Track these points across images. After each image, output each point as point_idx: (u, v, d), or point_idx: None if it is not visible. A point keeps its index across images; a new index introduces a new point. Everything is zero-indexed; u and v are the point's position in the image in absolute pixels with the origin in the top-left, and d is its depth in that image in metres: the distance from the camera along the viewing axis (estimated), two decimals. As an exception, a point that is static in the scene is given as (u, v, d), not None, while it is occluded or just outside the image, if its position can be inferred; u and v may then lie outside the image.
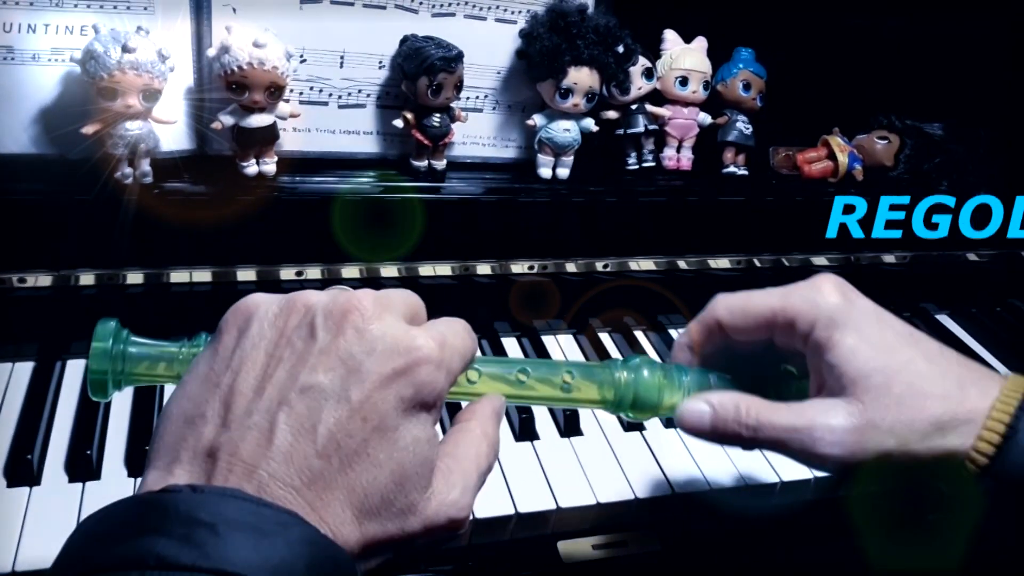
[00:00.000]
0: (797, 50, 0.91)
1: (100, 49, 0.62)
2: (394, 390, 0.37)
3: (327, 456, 0.35)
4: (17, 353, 0.72)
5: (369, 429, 0.36)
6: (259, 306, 0.39)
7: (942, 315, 1.01)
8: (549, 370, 0.49)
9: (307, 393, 0.36)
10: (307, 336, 0.38)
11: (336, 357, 0.37)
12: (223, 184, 0.70)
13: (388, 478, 0.36)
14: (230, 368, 0.38)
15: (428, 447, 0.38)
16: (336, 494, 0.35)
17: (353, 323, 0.38)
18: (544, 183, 0.80)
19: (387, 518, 0.36)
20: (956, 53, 0.97)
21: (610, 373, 0.49)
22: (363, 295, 0.39)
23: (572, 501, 0.65)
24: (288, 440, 0.35)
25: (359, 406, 0.36)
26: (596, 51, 0.75)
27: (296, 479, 0.35)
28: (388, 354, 0.37)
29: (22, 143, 0.67)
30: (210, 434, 0.36)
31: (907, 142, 0.93)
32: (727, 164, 0.87)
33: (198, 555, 0.31)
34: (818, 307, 0.46)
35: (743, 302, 0.49)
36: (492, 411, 0.44)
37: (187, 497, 0.33)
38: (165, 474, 0.36)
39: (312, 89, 0.74)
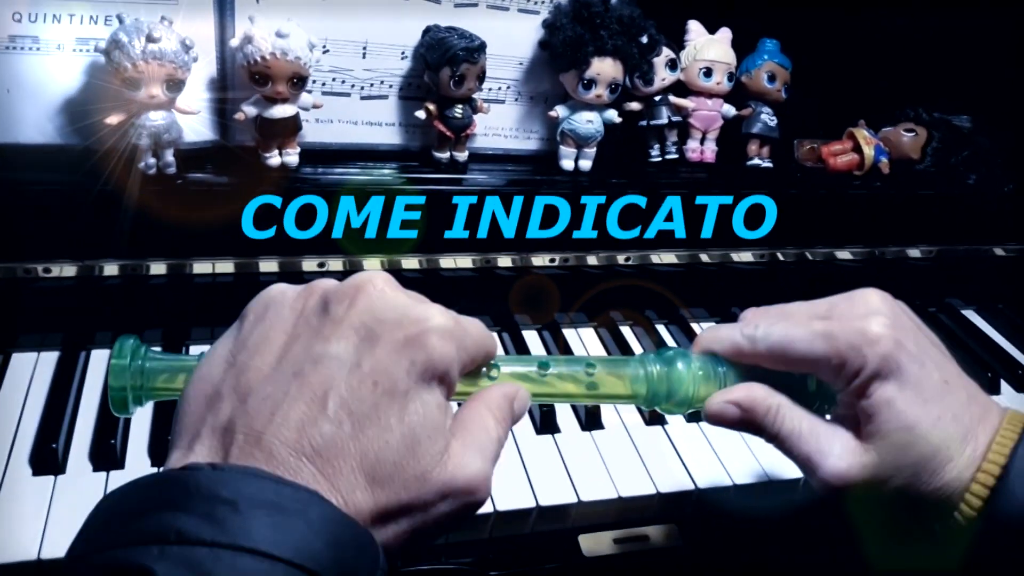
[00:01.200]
0: (823, 41, 0.90)
1: (124, 39, 0.62)
2: (406, 355, 0.37)
3: (338, 421, 0.36)
4: (42, 343, 0.73)
5: (380, 393, 0.36)
6: (279, 292, 0.41)
7: (968, 310, 1.00)
8: (572, 365, 0.48)
9: (320, 363, 0.37)
10: (321, 312, 0.39)
11: (348, 326, 0.38)
12: (246, 175, 0.70)
13: (399, 442, 0.36)
14: (247, 348, 0.39)
15: (439, 413, 0.38)
16: (348, 460, 0.35)
17: (366, 294, 0.39)
18: (566, 175, 0.80)
19: (400, 485, 0.36)
20: (984, 45, 0.95)
21: (641, 367, 0.48)
22: (376, 272, 0.40)
23: (593, 495, 0.65)
24: (300, 408, 0.36)
25: (370, 371, 0.37)
26: (620, 41, 0.75)
27: (307, 446, 0.35)
28: (399, 321, 0.38)
29: (47, 133, 0.67)
30: (227, 410, 0.37)
31: (934, 135, 0.92)
32: (751, 156, 0.87)
33: (218, 531, 0.31)
34: (865, 357, 0.44)
35: (784, 343, 0.46)
36: (501, 394, 0.43)
37: (208, 475, 0.33)
38: (186, 452, 0.36)
39: (335, 80, 0.74)
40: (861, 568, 0.65)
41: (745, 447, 0.72)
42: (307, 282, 0.63)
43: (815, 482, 0.46)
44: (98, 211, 0.67)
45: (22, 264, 0.69)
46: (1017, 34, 0.95)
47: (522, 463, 0.67)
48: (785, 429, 0.46)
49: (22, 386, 0.69)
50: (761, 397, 0.46)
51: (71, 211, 0.67)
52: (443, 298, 0.80)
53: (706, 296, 0.90)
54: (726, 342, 0.48)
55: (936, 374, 0.46)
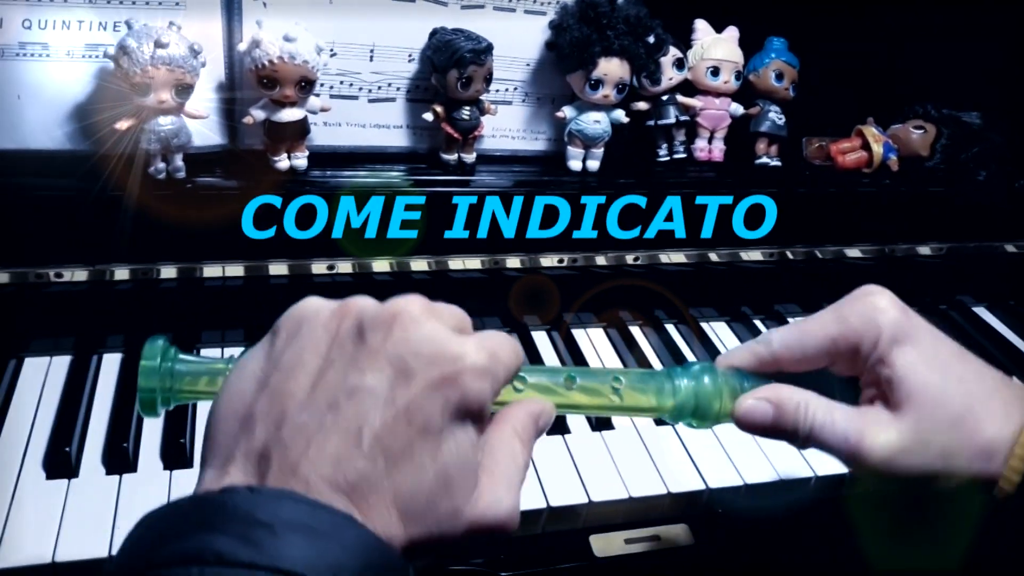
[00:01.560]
0: (830, 39, 0.89)
1: (133, 44, 0.62)
2: (441, 395, 0.37)
3: (373, 458, 0.35)
4: (54, 347, 0.73)
5: (414, 432, 0.36)
6: (313, 310, 0.40)
7: (979, 308, 0.99)
8: (598, 378, 0.47)
9: (355, 395, 0.36)
10: (356, 338, 0.38)
11: (384, 359, 0.37)
12: (255, 179, 0.70)
13: (433, 481, 0.36)
14: (280, 369, 0.38)
15: (472, 452, 0.38)
16: (381, 496, 0.35)
17: (402, 325, 0.38)
18: (574, 176, 0.80)
19: (432, 522, 0.36)
20: (993, 41, 0.95)
21: (668, 381, 0.48)
22: (413, 299, 0.39)
23: (604, 495, 0.65)
24: (335, 442, 0.35)
25: (405, 408, 0.36)
26: (626, 41, 0.75)
27: (342, 481, 0.35)
28: (435, 358, 0.37)
29: (57, 139, 0.67)
30: (261, 435, 0.36)
31: (943, 132, 0.92)
32: (760, 155, 0.86)
33: (256, 553, 0.31)
34: (879, 325, 0.46)
35: (799, 336, 0.47)
36: (527, 413, 0.43)
37: (245, 497, 0.33)
38: (221, 474, 0.36)
39: (342, 83, 0.74)
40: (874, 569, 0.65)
41: (756, 447, 0.71)
42: (317, 286, 0.63)
43: (859, 463, 0.45)
44: (108, 216, 0.68)
45: (34, 269, 0.69)
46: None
47: (533, 464, 0.67)
48: (819, 420, 0.46)
49: (35, 391, 0.69)
50: (788, 394, 0.47)
51: (81, 216, 0.68)
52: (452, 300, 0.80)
53: (715, 295, 0.90)
54: (744, 352, 0.49)
55: (950, 344, 0.47)
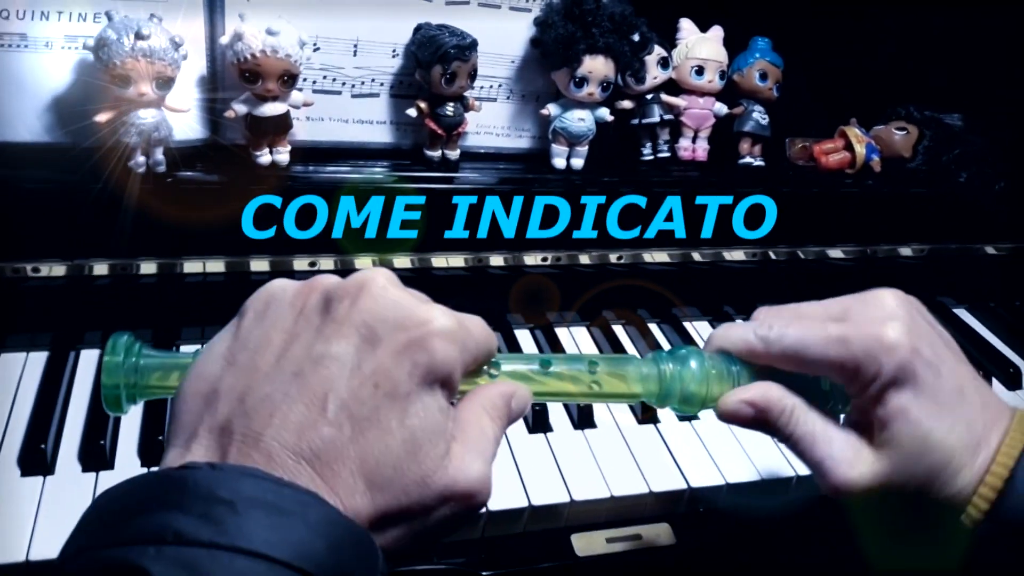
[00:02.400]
0: (814, 39, 0.90)
1: (113, 36, 0.61)
2: (408, 357, 0.37)
3: (338, 424, 0.35)
4: (31, 343, 0.72)
5: (381, 395, 0.36)
6: (280, 289, 0.40)
7: (960, 309, 1.00)
8: (577, 363, 0.47)
9: (320, 363, 0.36)
10: (322, 310, 0.38)
11: (350, 326, 0.37)
12: (236, 173, 0.70)
13: (400, 446, 0.36)
14: (246, 347, 0.38)
15: (441, 417, 0.38)
16: (347, 464, 0.35)
17: (369, 292, 0.38)
18: (558, 173, 0.80)
19: (400, 489, 0.36)
20: (976, 43, 0.95)
21: (654, 365, 0.47)
22: (379, 270, 0.39)
23: (586, 494, 0.65)
24: (300, 410, 0.35)
25: (371, 373, 0.36)
26: (611, 39, 0.75)
27: (306, 449, 0.35)
28: (402, 322, 0.37)
29: (35, 131, 0.66)
30: (225, 408, 0.36)
31: (926, 133, 0.92)
32: (743, 155, 0.87)
33: (216, 532, 0.30)
34: (880, 366, 0.44)
35: (799, 347, 0.45)
36: (498, 393, 0.42)
37: (206, 474, 0.33)
38: (183, 451, 0.36)
39: (325, 78, 0.74)
40: (856, 568, 0.65)
41: (738, 446, 0.72)
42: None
43: (825, 487, 0.45)
44: (87, 210, 0.67)
45: (11, 264, 0.68)
46: (1009, 33, 0.96)
47: (514, 462, 0.67)
48: (799, 431, 0.45)
49: (10, 387, 0.68)
50: (776, 398, 0.46)
51: (60, 210, 0.67)
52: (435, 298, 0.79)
53: (699, 295, 0.90)
54: (739, 342, 0.47)
55: (951, 381, 0.45)
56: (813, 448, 0.45)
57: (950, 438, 0.44)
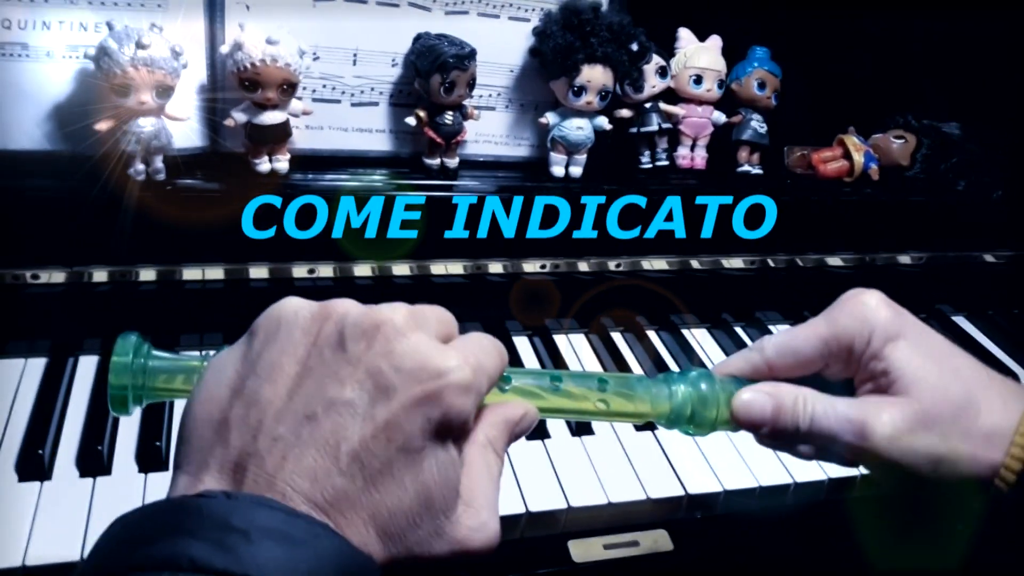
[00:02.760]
0: (812, 49, 0.90)
1: (114, 46, 0.62)
2: (422, 412, 0.36)
3: (351, 475, 0.35)
4: (30, 349, 0.73)
5: (394, 449, 0.35)
6: (292, 312, 0.39)
7: (959, 317, 1.00)
8: (583, 382, 0.46)
9: (333, 408, 0.36)
10: (336, 346, 0.37)
11: (364, 371, 0.36)
12: (236, 181, 0.70)
13: (413, 500, 0.36)
14: (256, 373, 0.37)
15: (453, 471, 0.37)
16: (360, 513, 0.35)
17: (385, 336, 0.37)
18: (557, 182, 0.80)
19: (413, 542, 0.36)
20: (973, 52, 0.96)
21: (664, 386, 0.47)
22: (397, 308, 0.38)
23: (583, 500, 0.65)
24: (312, 456, 0.35)
25: (384, 425, 0.35)
26: (610, 49, 0.75)
27: (319, 496, 0.34)
28: (417, 373, 0.36)
29: (36, 139, 0.67)
30: (237, 443, 0.36)
31: (924, 142, 0.93)
32: (741, 163, 0.87)
33: (230, 560, 0.31)
34: (870, 322, 0.46)
35: (791, 340, 0.47)
36: (503, 419, 0.42)
37: (221, 503, 0.33)
38: (195, 480, 0.36)
39: (325, 87, 0.74)
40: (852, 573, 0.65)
41: (736, 453, 0.72)
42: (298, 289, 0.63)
43: (864, 446, 0.44)
44: (87, 217, 0.67)
45: (10, 271, 0.69)
46: (1007, 41, 0.96)
47: (512, 469, 0.67)
48: (819, 409, 0.45)
49: (9, 393, 0.68)
50: (787, 388, 0.46)
51: (60, 217, 0.67)
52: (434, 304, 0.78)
53: (698, 302, 0.90)
54: (739, 362, 0.49)
55: (940, 337, 0.47)
56: (837, 414, 0.45)
57: (959, 375, 0.45)
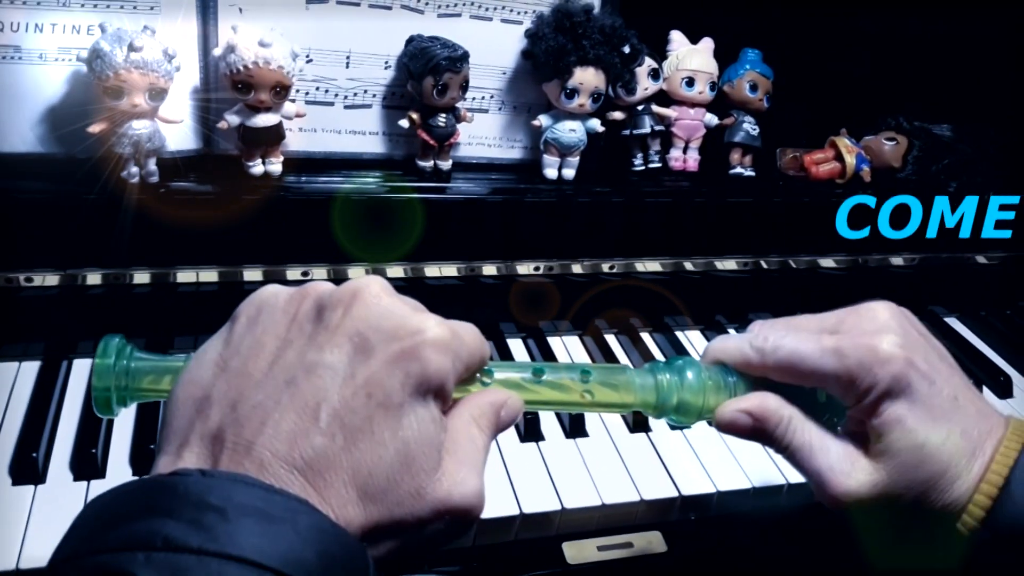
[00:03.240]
0: (804, 51, 0.91)
1: (106, 48, 0.62)
2: (401, 368, 0.36)
3: (331, 434, 0.35)
4: (24, 352, 0.72)
5: (374, 405, 0.36)
6: (272, 295, 0.40)
7: (951, 318, 1.01)
8: (572, 372, 0.47)
9: (313, 371, 0.36)
10: (315, 318, 0.38)
11: (343, 335, 0.37)
12: (229, 184, 0.70)
13: (393, 458, 0.36)
14: (239, 353, 0.38)
15: (434, 429, 0.37)
16: (339, 474, 0.35)
17: (362, 301, 0.38)
18: (550, 184, 0.80)
19: (394, 501, 0.36)
20: (964, 54, 0.96)
21: (651, 375, 0.47)
22: (373, 278, 0.39)
23: (577, 502, 0.65)
24: (292, 419, 0.35)
25: (364, 382, 0.36)
26: (602, 51, 0.75)
27: (298, 458, 0.34)
28: (395, 332, 0.37)
29: (29, 142, 0.67)
30: (216, 416, 0.36)
31: (915, 143, 0.93)
32: (734, 165, 0.87)
33: (206, 538, 0.30)
34: (875, 378, 0.44)
35: (794, 361, 0.46)
36: (488, 402, 0.42)
37: (197, 481, 0.33)
38: (175, 458, 0.36)
39: (318, 89, 0.74)
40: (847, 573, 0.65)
41: (729, 454, 0.72)
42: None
43: (823, 497, 0.45)
44: (80, 220, 0.67)
45: (4, 273, 0.69)
46: (998, 42, 0.97)
47: (506, 471, 0.67)
48: (796, 442, 0.46)
49: (3, 396, 0.68)
50: (773, 408, 0.46)
51: (53, 220, 0.67)
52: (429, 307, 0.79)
53: (691, 304, 0.90)
54: (735, 352, 0.48)
55: (946, 390, 0.45)
56: (810, 459, 0.45)
57: (946, 446, 0.44)
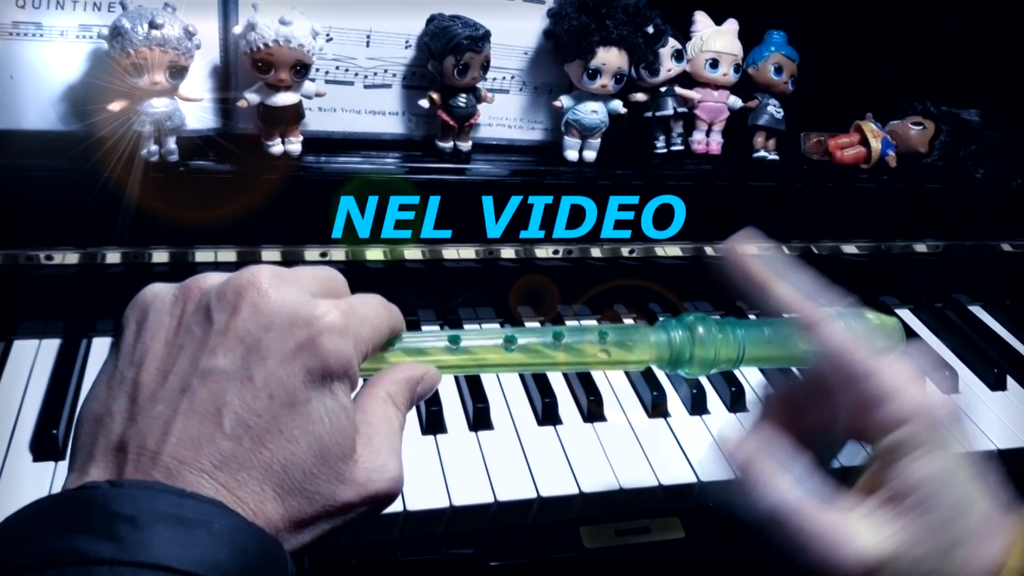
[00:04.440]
0: (830, 33, 0.89)
1: (127, 25, 0.62)
2: (299, 363, 0.36)
3: (237, 438, 0.35)
4: (44, 330, 0.73)
5: (278, 406, 0.35)
6: (155, 296, 0.39)
7: (975, 306, 0.99)
8: (587, 333, 0.48)
9: (208, 377, 0.35)
10: (204, 320, 0.37)
11: (234, 337, 0.36)
12: (248, 163, 0.70)
13: (307, 452, 0.35)
14: (133, 362, 0.37)
15: (345, 417, 0.37)
16: (252, 473, 0.34)
17: (249, 300, 0.36)
18: (571, 166, 0.79)
19: (314, 492, 0.36)
20: (992, 37, 0.94)
21: (663, 332, 0.49)
22: (259, 270, 0.38)
23: (595, 486, 0.65)
24: (194, 426, 0.34)
25: (263, 384, 0.35)
26: (625, 31, 0.74)
27: (206, 463, 0.34)
28: (288, 327, 0.36)
29: (50, 119, 0.67)
30: (118, 428, 0.35)
31: (942, 128, 0.91)
32: (757, 149, 0.86)
33: (118, 548, 0.30)
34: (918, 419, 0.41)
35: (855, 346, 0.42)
36: (403, 377, 0.42)
37: (106, 492, 0.32)
38: (81, 474, 0.35)
39: (338, 68, 0.74)
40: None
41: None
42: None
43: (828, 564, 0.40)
44: (100, 198, 0.67)
45: (24, 251, 0.69)
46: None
47: (524, 454, 0.67)
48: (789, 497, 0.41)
49: (23, 373, 0.69)
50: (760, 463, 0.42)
51: (73, 198, 0.67)
52: (445, 290, 0.79)
53: (711, 289, 0.89)
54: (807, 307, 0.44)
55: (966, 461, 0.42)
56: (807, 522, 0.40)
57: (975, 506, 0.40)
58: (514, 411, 0.71)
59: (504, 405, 0.72)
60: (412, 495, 0.61)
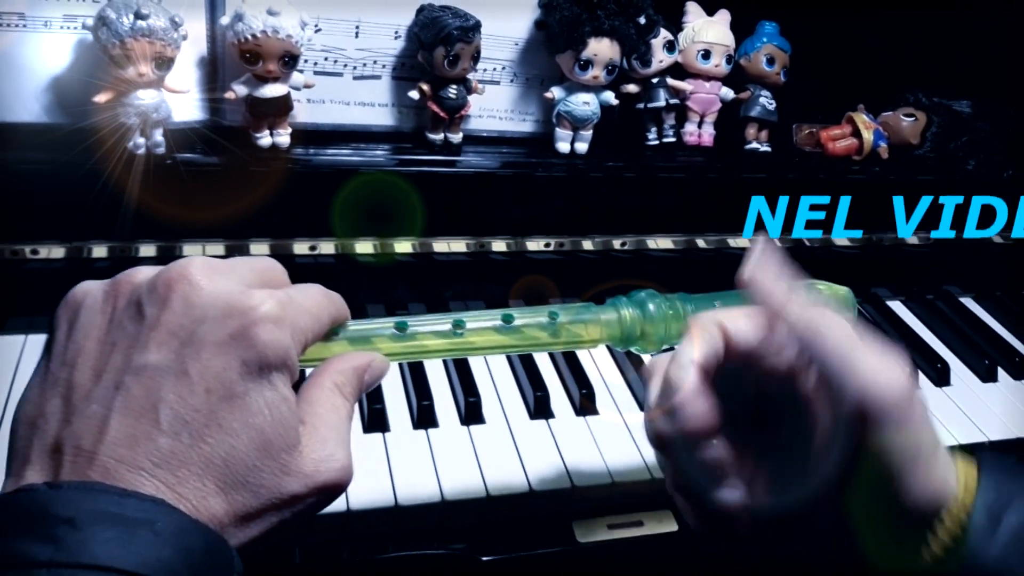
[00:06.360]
0: (822, 24, 0.89)
1: (112, 15, 0.61)
2: (234, 355, 0.35)
3: (175, 434, 0.34)
4: (30, 325, 0.72)
5: (215, 399, 0.35)
6: (86, 294, 0.38)
7: (966, 298, 0.99)
8: (538, 315, 0.49)
9: (142, 373, 0.35)
10: (135, 316, 0.36)
11: (167, 331, 0.35)
12: (236, 156, 0.69)
13: (248, 445, 0.35)
14: (65, 363, 0.36)
15: (286, 407, 0.36)
16: (192, 469, 0.34)
17: (180, 293, 0.36)
18: (562, 158, 0.79)
19: (258, 485, 0.35)
20: (984, 29, 0.94)
21: (613, 311, 0.50)
22: (191, 261, 0.37)
23: (587, 480, 0.65)
24: (130, 423, 0.34)
25: (199, 378, 0.35)
26: (617, 22, 0.74)
27: (145, 461, 0.33)
28: (221, 319, 0.35)
29: (33, 112, 0.66)
30: (53, 430, 0.35)
31: (934, 120, 0.91)
32: (749, 140, 0.86)
33: (56, 550, 0.30)
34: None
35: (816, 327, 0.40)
36: (350, 366, 0.41)
37: (43, 494, 0.32)
38: (17, 479, 0.35)
39: (327, 59, 0.73)
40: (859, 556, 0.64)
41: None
42: (299, 267, 0.62)
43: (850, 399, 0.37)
44: (86, 192, 0.66)
45: (9, 246, 0.68)
46: (1018, 18, 0.94)
47: (516, 448, 0.66)
48: None
49: (9, 369, 0.68)
50: None
51: (59, 192, 0.66)
52: (437, 283, 0.78)
53: (703, 282, 0.89)
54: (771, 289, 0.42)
55: None
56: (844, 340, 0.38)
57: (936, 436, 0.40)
58: (506, 405, 0.71)
59: (496, 399, 0.72)
60: (403, 490, 0.61)
